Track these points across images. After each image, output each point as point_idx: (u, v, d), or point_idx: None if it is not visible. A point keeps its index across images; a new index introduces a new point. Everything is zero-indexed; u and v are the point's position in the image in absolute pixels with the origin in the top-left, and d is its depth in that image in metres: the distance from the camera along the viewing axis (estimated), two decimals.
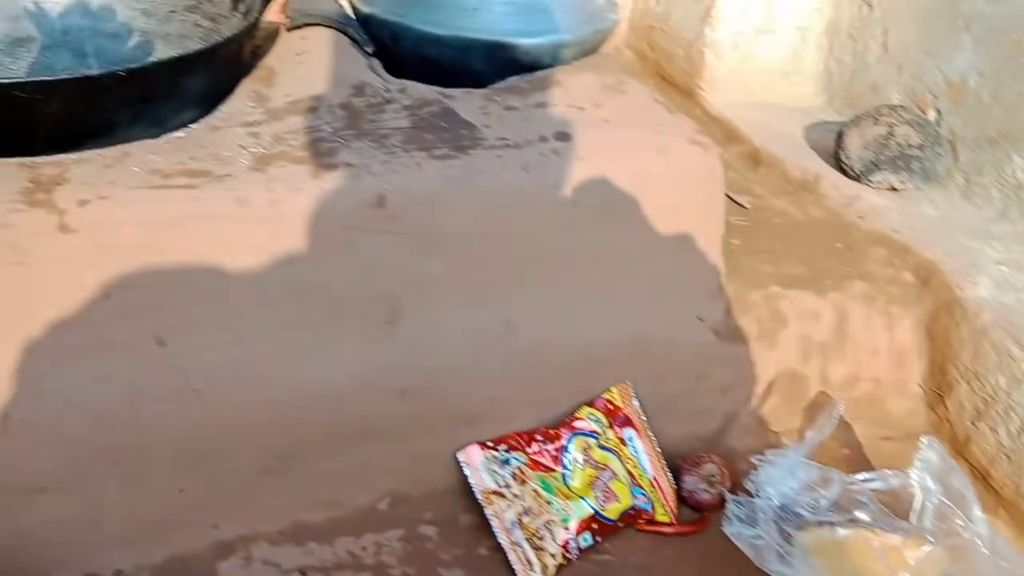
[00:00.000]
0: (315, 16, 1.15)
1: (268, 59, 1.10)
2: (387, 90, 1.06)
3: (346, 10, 1.20)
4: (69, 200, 0.83)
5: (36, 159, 0.87)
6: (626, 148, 1.02)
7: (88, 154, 0.89)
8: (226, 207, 0.87)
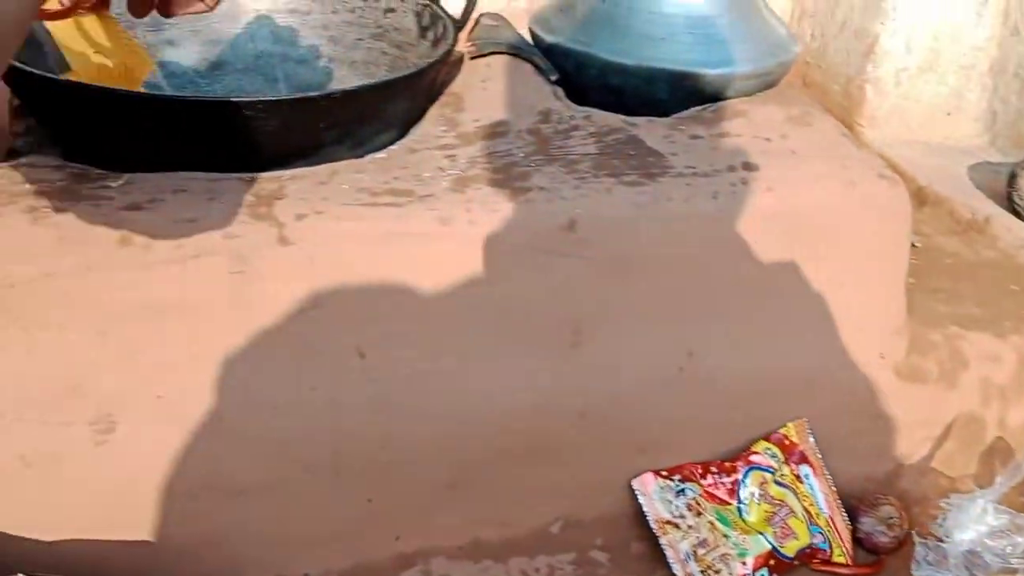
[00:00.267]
0: (500, 44, 1.18)
1: (454, 85, 1.14)
2: (572, 117, 1.07)
3: (526, 39, 1.23)
4: (288, 214, 0.87)
5: (255, 175, 0.91)
6: (814, 180, 1.01)
7: (301, 171, 0.93)
8: (429, 225, 0.90)
